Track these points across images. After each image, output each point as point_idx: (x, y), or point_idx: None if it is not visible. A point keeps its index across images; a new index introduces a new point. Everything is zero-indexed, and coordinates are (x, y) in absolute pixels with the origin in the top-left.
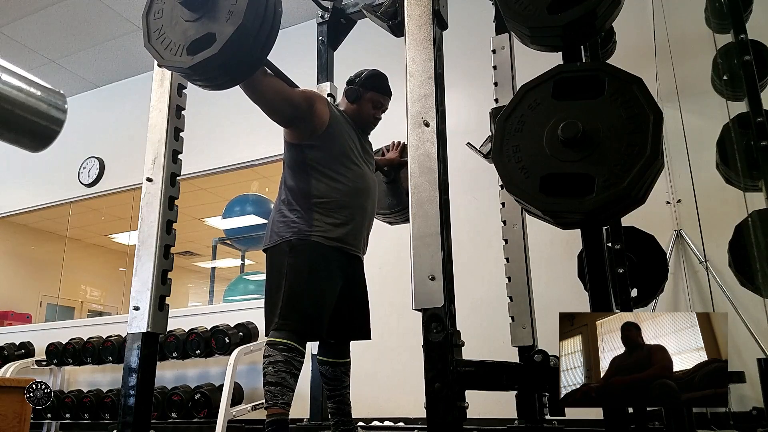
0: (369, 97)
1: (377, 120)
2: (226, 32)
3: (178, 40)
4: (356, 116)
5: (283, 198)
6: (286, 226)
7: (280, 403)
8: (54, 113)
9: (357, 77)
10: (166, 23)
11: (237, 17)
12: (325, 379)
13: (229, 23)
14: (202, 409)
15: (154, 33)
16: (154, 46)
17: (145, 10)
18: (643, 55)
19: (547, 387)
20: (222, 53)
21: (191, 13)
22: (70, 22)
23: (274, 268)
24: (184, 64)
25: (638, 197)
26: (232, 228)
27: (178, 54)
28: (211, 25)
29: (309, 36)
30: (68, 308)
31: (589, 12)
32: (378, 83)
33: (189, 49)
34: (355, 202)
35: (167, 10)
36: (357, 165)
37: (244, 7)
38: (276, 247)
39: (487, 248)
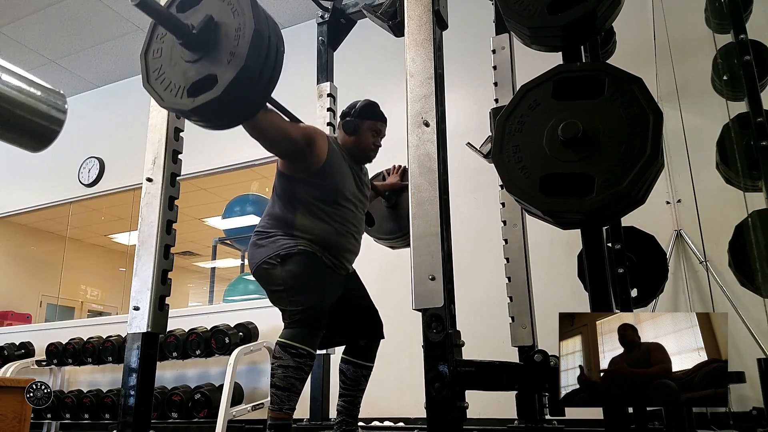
0: (367, 126)
1: (377, 148)
2: (227, 75)
3: (178, 81)
4: (356, 148)
5: (267, 222)
6: (269, 247)
7: (286, 409)
8: (54, 113)
9: (351, 109)
10: (166, 63)
11: (239, 60)
12: (344, 378)
13: (230, 65)
14: (202, 409)
15: (153, 73)
16: (154, 87)
17: (144, 49)
18: (643, 55)
19: (547, 387)
20: (224, 96)
21: (191, 53)
22: (70, 22)
23: (271, 282)
24: (185, 107)
25: (638, 197)
26: (232, 228)
27: (179, 96)
28: (212, 67)
29: (309, 36)
30: (68, 308)
31: (589, 12)
32: (373, 111)
33: (189, 90)
34: (338, 241)
35: (166, 49)
36: (346, 207)
37: (246, 50)
38: (264, 263)
39: (487, 248)
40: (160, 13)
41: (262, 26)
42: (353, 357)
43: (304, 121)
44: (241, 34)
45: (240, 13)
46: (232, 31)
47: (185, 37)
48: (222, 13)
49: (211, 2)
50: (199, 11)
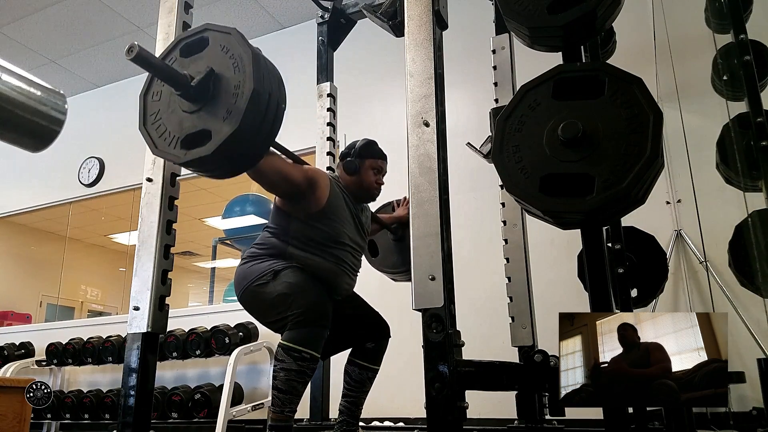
0: (368, 165)
1: (380, 186)
2: (222, 132)
3: (173, 129)
4: (358, 188)
5: (253, 251)
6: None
7: (287, 411)
8: (54, 113)
9: (351, 149)
10: (164, 108)
11: (235, 117)
12: (349, 379)
13: (226, 123)
14: (202, 409)
15: (150, 116)
16: (149, 132)
17: (144, 90)
18: (643, 55)
19: (547, 387)
20: (216, 154)
21: (189, 104)
22: (70, 22)
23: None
24: (177, 159)
25: (638, 197)
26: (232, 228)
27: (172, 146)
28: (208, 121)
29: (309, 36)
30: (68, 308)
31: (589, 12)
32: (373, 149)
33: (183, 142)
34: (333, 278)
35: (165, 93)
36: (343, 249)
37: (243, 108)
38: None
39: (487, 248)
40: (157, 67)
41: (263, 85)
42: (361, 360)
43: (305, 123)
44: (240, 92)
45: (241, 69)
46: (231, 87)
47: (183, 89)
48: (223, 67)
49: (214, 53)
50: (202, 60)
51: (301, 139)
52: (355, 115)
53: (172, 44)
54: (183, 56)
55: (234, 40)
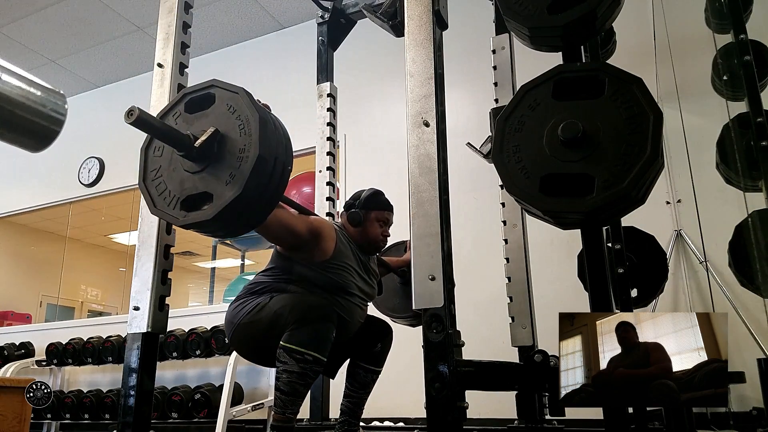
0: (374, 217)
1: (386, 237)
2: (224, 196)
3: (173, 189)
4: (363, 240)
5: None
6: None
7: (288, 413)
8: (54, 114)
9: (356, 200)
10: (165, 165)
11: (239, 182)
12: (353, 380)
13: (228, 187)
14: (202, 409)
15: (150, 172)
16: (148, 189)
17: (145, 144)
18: (643, 55)
19: (547, 387)
20: (217, 218)
21: (191, 163)
22: (70, 22)
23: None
24: (175, 221)
25: (638, 197)
26: None
27: (171, 206)
28: (211, 184)
29: (309, 36)
30: (68, 308)
31: (589, 12)
32: (379, 201)
33: (183, 203)
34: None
35: (167, 150)
36: (351, 301)
37: (248, 174)
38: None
39: (487, 248)
40: (158, 130)
41: (269, 151)
42: (365, 362)
43: (306, 123)
44: (245, 156)
45: (247, 133)
46: (236, 150)
47: (186, 150)
48: (229, 128)
49: (220, 113)
50: (207, 118)
51: (301, 139)
52: (355, 115)
53: (176, 99)
54: (187, 112)
55: (241, 100)
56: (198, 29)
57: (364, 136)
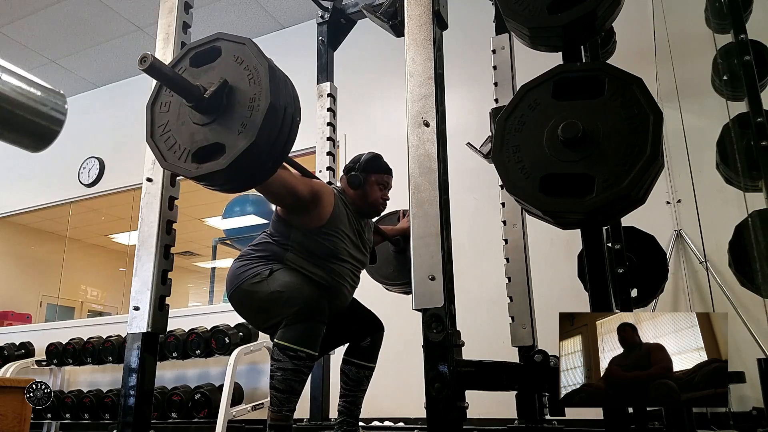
0: (374, 180)
1: (386, 201)
2: (237, 146)
3: (183, 143)
4: (362, 202)
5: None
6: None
7: (285, 411)
8: (54, 114)
9: (356, 163)
10: (173, 120)
11: (251, 132)
12: (346, 379)
13: (241, 137)
14: (202, 409)
15: (158, 128)
16: (157, 144)
17: (151, 100)
18: (643, 55)
19: (547, 387)
20: (230, 168)
21: (201, 116)
22: (70, 22)
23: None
24: (188, 173)
25: (638, 197)
26: (232, 228)
27: (182, 159)
28: (222, 135)
29: (309, 36)
30: (68, 308)
31: (589, 12)
32: (378, 164)
33: (195, 155)
34: (329, 291)
35: (175, 104)
36: (342, 266)
37: (260, 122)
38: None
39: (487, 248)
40: (170, 78)
41: (279, 99)
42: (356, 358)
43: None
44: (256, 105)
45: (257, 82)
46: (246, 100)
47: (196, 101)
48: (237, 78)
49: (227, 64)
50: (214, 70)
51: (301, 139)
52: (355, 115)
53: (181, 53)
54: (193, 66)
55: (248, 50)
56: (198, 29)
57: (364, 136)
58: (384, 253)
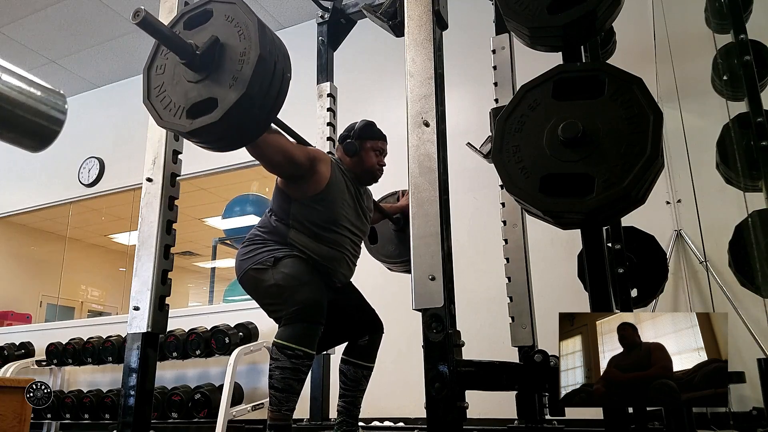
0: (369, 147)
1: (382, 167)
2: (228, 99)
3: (178, 100)
4: (360, 169)
5: (255, 234)
6: (260, 253)
7: (284, 410)
8: (54, 113)
9: (350, 131)
10: (168, 81)
11: (241, 84)
12: (345, 378)
13: (232, 90)
14: (202, 409)
15: (154, 90)
16: (153, 104)
17: (147, 64)
18: (643, 55)
19: (547, 387)
20: (223, 121)
21: (194, 74)
22: (70, 22)
23: (263, 284)
24: (183, 128)
25: (638, 197)
26: (232, 228)
27: (177, 116)
28: (214, 89)
29: (309, 36)
30: (68, 308)
31: (589, 12)
32: (373, 130)
33: (189, 112)
34: (332, 264)
35: (169, 66)
36: (342, 234)
37: (250, 75)
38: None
39: (487, 248)
40: (162, 34)
41: (268, 52)
42: (354, 358)
43: (305, 123)
44: (246, 58)
45: (246, 37)
46: (236, 55)
47: (188, 57)
48: (228, 35)
49: (218, 23)
50: (206, 30)
51: None
52: (355, 115)
53: (175, 18)
54: (187, 29)
55: (239, 9)
56: None
57: None
58: (385, 232)
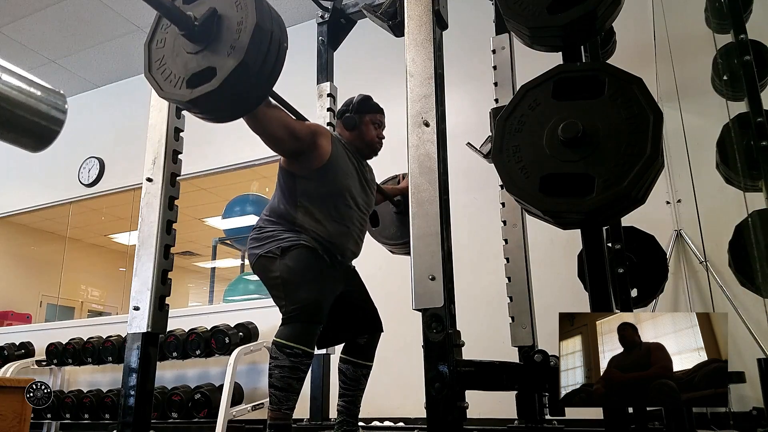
0: (368, 120)
1: (381, 140)
2: (227, 67)
3: (178, 72)
4: (359, 143)
5: (269, 214)
6: (270, 241)
7: (284, 409)
8: (54, 113)
9: (349, 105)
10: (168, 54)
11: (239, 52)
12: (344, 378)
13: (230, 58)
14: (202, 409)
15: (155, 63)
16: (154, 77)
17: (148, 39)
18: (643, 55)
19: (547, 387)
20: (222, 88)
21: (193, 45)
22: (70, 22)
23: (270, 274)
24: (183, 97)
25: (638, 197)
26: (232, 228)
27: (178, 86)
28: (213, 59)
29: (309, 36)
30: (68, 308)
31: (589, 12)
32: (371, 104)
33: (189, 81)
34: (340, 241)
35: (170, 40)
36: (348, 206)
37: (247, 42)
38: (264, 256)
39: (487, 248)
40: (163, 5)
41: (264, 21)
42: (352, 357)
43: (307, 116)
44: (243, 27)
45: (243, 6)
46: (234, 25)
47: (187, 28)
48: (226, 6)
49: None
50: (204, 4)
51: None
52: None
53: None
54: (186, 3)
55: None
56: None
57: None
58: (386, 214)
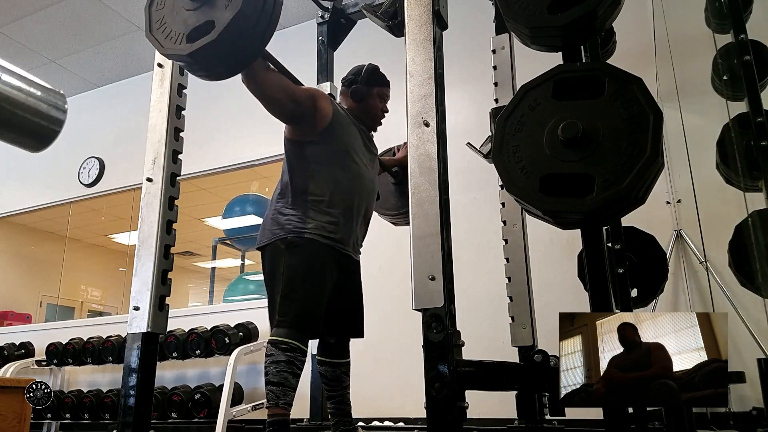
0: (376, 93)
1: (384, 113)
2: (224, 18)
3: (178, 28)
4: (363, 113)
5: (279, 193)
6: (280, 225)
7: (282, 404)
8: (54, 113)
9: (357, 75)
10: (168, 13)
11: (236, 4)
12: (325, 380)
13: (228, 10)
14: (202, 409)
15: (155, 23)
16: (155, 36)
17: (148, 2)
18: (643, 55)
19: (547, 387)
20: (220, 40)
21: (191, 2)
22: (70, 22)
23: (272, 267)
24: (183, 51)
25: (638, 197)
26: (232, 228)
27: (178, 42)
28: (211, 13)
29: (309, 36)
30: (68, 308)
31: (589, 12)
32: (380, 77)
33: (188, 37)
34: (350, 200)
35: (169, 0)
36: (356, 163)
37: None
38: (271, 244)
39: (487, 248)
40: None
41: None
42: (327, 357)
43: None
44: None
45: None
46: None
47: None
48: None
49: None
50: None
51: None
52: None
53: None
54: None
55: None
56: None
57: None
58: (385, 186)
